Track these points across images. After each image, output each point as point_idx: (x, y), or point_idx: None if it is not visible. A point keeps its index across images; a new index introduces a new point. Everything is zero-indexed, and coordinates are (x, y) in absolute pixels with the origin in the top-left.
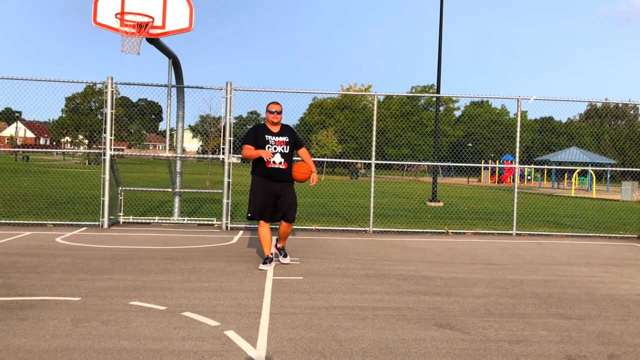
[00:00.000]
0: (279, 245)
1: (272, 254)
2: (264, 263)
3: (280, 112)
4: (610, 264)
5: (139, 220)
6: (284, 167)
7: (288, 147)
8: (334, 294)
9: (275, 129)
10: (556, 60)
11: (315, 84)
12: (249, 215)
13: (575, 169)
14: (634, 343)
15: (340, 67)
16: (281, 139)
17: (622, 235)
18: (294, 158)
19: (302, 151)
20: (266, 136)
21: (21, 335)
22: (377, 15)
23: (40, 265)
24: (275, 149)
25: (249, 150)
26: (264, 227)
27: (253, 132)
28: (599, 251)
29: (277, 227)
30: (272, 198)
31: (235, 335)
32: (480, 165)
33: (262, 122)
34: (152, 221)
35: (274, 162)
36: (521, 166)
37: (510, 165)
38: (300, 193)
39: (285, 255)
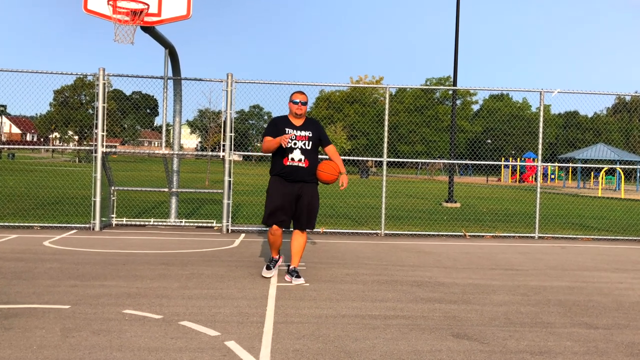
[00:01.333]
0: (291, 267)
1: (279, 255)
2: (268, 268)
3: (305, 103)
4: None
5: (133, 223)
6: (304, 165)
7: (311, 143)
8: (342, 302)
9: (298, 122)
10: (582, 50)
11: (323, 76)
12: (264, 221)
13: (603, 167)
14: None
15: (349, 58)
16: (303, 133)
17: None
18: (322, 156)
19: (330, 149)
20: (286, 129)
21: (6, 346)
22: (389, 1)
23: (27, 271)
24: (295, 144)
25: (267, 142)
26: (274, 235)
27: (273, 123)
28: (627, 256)
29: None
30: (290, 200)
31: (237, 346)
32: (500, 163)
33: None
34: (147, 223)
35: (292, 160)
36: (544, 164)
37: (533, 164)
38: None
39: (298, 277)
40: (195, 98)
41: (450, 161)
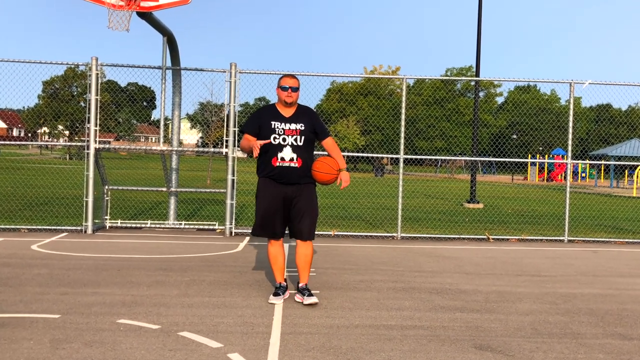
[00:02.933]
0: (301, 285)
1: (285, 281)
2: (275, 294)
3: (296, 89)
4: None
5: (129, 225)
6: (296, 164)
7: (303, 138)
8: (355, 311)
9: (288, 113)
10: (616, 38)
11: (334, 66)
12: (256, 231)
13: (638, 165)
14: None
15: (363, 46)
16: (294, 126)
17: None
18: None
19: (328, 142)
20: (272, 122)
21: None
22: None
23: (13, 277)
24: (284, 140)
25: (244, 141)
26: (274, 247)
27: (255, 117)
28: None
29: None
30: (281, 206)
31: (241, 359)
32: (526, 160)
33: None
34: (143, 225)
35: (282, 160)
36: (574, 161)
37: (562, 161)
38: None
39: (310, 295)
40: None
41: (473, 158)
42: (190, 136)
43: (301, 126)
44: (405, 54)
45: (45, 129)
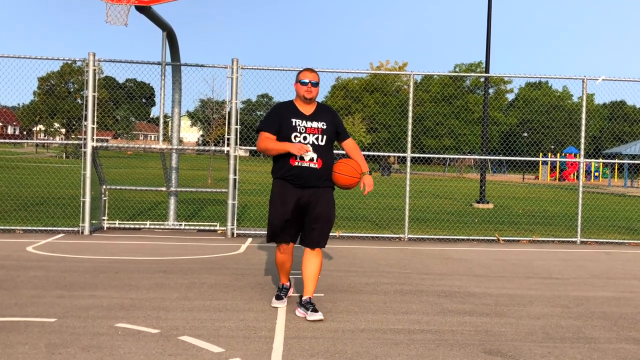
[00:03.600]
0: (305, 298)
1: (289, 282)
2: (278, 297)
3: (317, 84)
4: None
5: (127, 226)
6: (316, 166)
7: (325, 137)
8: (361, 315)
9: (308, 110)
10: (630, 33)
11: (339, 62)
12: (268, 238)
13: None
14: None
15: (369, 41)
16: (315, 124)
17: None
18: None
19: (349, 143)
20: (293, 120)
21: None
22: None
23: (8, 280)
24: (304, 138)
25: (268, 141)
26: (284, 254)
27: (275, 113)
28: None
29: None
30: (296, 211)
31: None
32: (537, 159)
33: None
34: (142, 226)
35: (301, 159)
36: (587, 160)
37: (574, 160)
38: None
39: (315, 310)
40: (197, 86)
41: (482, 157)
42: (190, 134)
43: (323, 125)
44: (412, 49)
45: (40, 126)
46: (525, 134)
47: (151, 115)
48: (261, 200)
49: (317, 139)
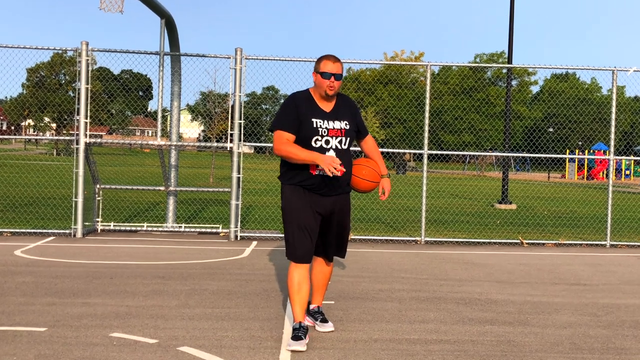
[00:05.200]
0: (313, 307)
1: (305, 321)
2: (296, 337)
3: (340, 77)
4: None
5: (123, 228)
6: (338, 173)
7: (348, 139)
8: (374, 323)
9: (328, 106)
10: None
11: (351, 52)
12: (291, 257)
13: None
14: None
15: (383, 30)
16: (338, 125)
17: None
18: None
19: (369, 142)
20: (313, 120)
21: None
22: None
23: None
24: (327, 142)
25: (289, 147)
26: (301, 273)
27: (292, 108)
28: None
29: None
30: (315, 222)
31: None
32: (564, 156)
33: (306, 90)
34: (139, 229)
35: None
36: (617, 158)
37: (603, 157)
38: None
39: (324, 320)
40: (198, 78)
41: (505, 154)
42: (191, 129)
43: (345, 124)
44: (429, 38)
45: (29, 121)
46: (551, 130)
47: (148, 109)
48: (267, 200)
49: (340, 142)
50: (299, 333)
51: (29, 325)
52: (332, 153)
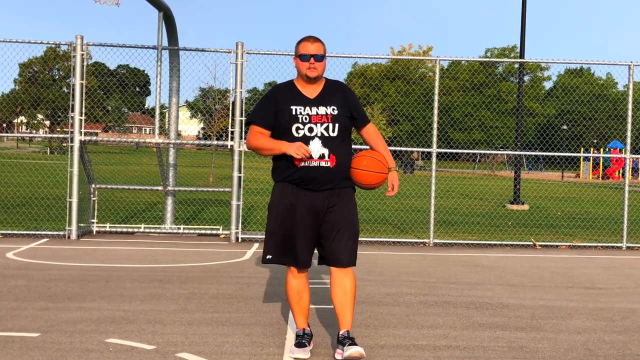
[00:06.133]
0: (342, 332)
1: (309, 327)
2: (299, 345)
3: (322, 58)
4: None
5: (119, 229)
6: (329, 164)
7: (337, 125)
8: (381, 329)
9: (313, 92)
10: None
11: (357, 46)
12: (267, 257)
13: None
14: None
15: (389, 23)
16: (323, 110)
17: None
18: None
19: (370, 130)
20: (292, 107)
21: None
22: None
23: None
24: (310, 130)
25: (258, 138)
26: (297, 280)
27: (268, 100)
28: None
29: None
30: (308, 222)
31: None
32: (578, 154)
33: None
34: (136, 230)
35: (310, 158)
36: (634, 156)
37: (619, 155)
38: None
39: (352, 344)
40: (197, 73)
41: (517, 152)
42: (190, 127)
43: (333, 109)
44: (438, 31)
45: (22, 118)
46: (565, 127)
47: (146, 106)
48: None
49: (326, 128)
50: (302, 340)
51: (22, 331)
52: (317, 141)
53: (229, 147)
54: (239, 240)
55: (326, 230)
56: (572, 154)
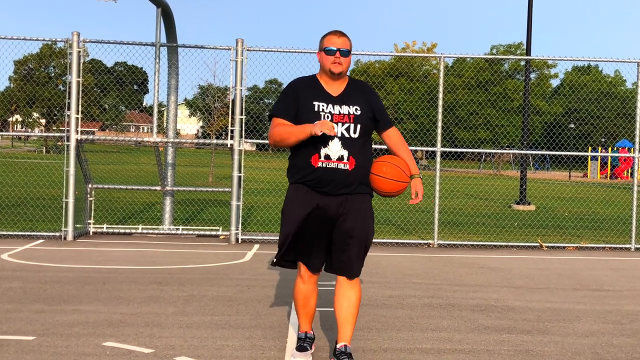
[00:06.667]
0: (339, 346)
1: (312, 330)
2: (301, 348)
3: (347, 53)
4: None
5: (116, 230)
6: (347, 166)
7: (359, 127)
8: (384, 332)
9: (336, 89)
10: None
11: (359, 43)
12: (274, 260)
13: None
14: None
15: (393, 19)
16: (345, 109)
17: None
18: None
19: (392, 134)
20: (315, 103)
21: None
22: None
23: None
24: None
25: (281, 128)
26: (306, 285)
27: (290, 92)
28: None
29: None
30: (321, 227)
31: None
32: (586, 154)
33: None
34: (133, 231)
35: (326, 158)
36: None
37: (628, 155)
38: None
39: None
40: (196, 71)
41: (523, 151)
42: (189, 125)
43: (356, 109)
44: (442, 28)
45: (17, 116)
46: (572, 126)
47: (144, 104)
48: (270, 201)
49: (347, 129)
50: (304, 343)
51: (17, 334)
52: (337, 142)
53: (228, 146)
54: (239, 241)
55: (338, 238)
56: (580, 153)
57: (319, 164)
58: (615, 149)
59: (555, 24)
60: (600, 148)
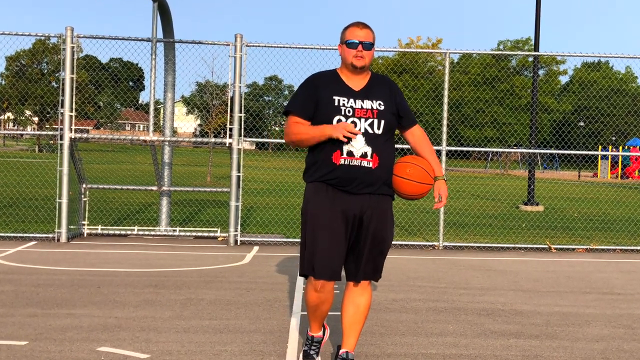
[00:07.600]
0: (341, 352)
1: (323, 331)
2: (307, 355)
3: (370, 46)
4: None
5: (111, 232)
6: (371, 164)
7: (383, 122)
8: (387, 337)
9: (358, 84)
10: None
11: None
12: (302, 270)
13: None
14: None
15: (396, 14)
16: (368, 104)
17: None
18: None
19: (416, 133)
20: (335, 98)
21: None
22: None
23: None
24: (353, 125)
25: (298, 128)
26: (323, 293)
27: (309, 87)
28: None
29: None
30: (342, 229)
31: None
32: (596, 153)
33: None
34: (129, 232)
35: (349, 154)
36: None
37: (639, 153)
38: None
39: None
40: (194, 67)
41: (531, 150)
42: (186, 123)
43: (379, 104)
44: (448, 23)
45: (9, 114)
46: (582, 124)
47: (140, 101)
48: (270, 201)
49: (371, 124)
50: (310, 351)
51: (9, 339)
52: (360, 138)
53: (227, 144)
54: (238, 243)
55: (357, 242)
56: (590, 152)
57: (341, 161)
58: (626, 147)
59: (564, 19)
60: (610, 147)
